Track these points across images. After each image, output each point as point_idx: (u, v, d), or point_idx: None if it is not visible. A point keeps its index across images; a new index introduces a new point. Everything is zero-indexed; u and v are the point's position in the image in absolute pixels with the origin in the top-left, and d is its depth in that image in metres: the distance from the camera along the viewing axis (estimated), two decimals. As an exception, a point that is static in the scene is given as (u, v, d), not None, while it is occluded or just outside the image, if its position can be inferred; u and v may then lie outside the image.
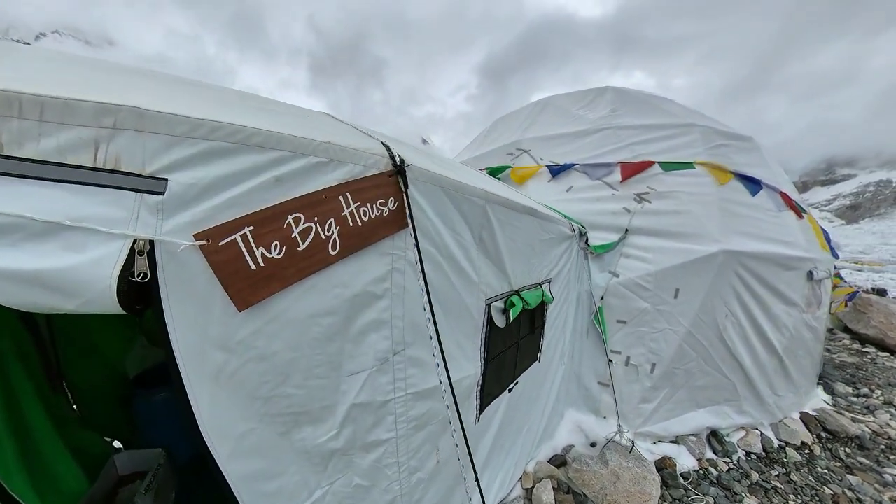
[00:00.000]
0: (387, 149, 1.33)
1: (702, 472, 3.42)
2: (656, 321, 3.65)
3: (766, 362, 3.95)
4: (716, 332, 3.70)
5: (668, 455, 3.49)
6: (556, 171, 4.37)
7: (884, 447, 3.92)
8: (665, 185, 3.97)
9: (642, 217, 3.82)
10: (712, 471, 3.43)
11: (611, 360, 3.66)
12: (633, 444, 3.33)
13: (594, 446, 3.44)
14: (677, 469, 3.37)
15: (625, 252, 3.77)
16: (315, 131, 1.23)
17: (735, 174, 4.10)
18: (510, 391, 2.64)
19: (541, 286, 2.77)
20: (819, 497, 3.20)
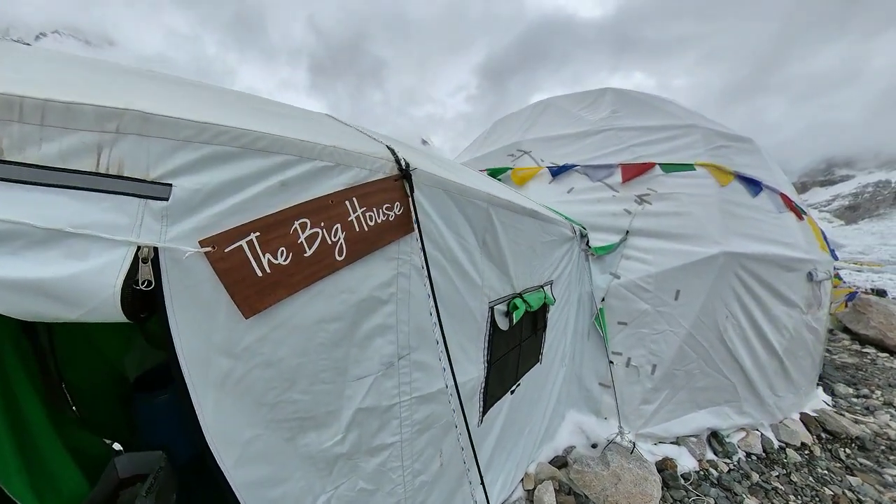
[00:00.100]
0: (392, 152, 1.33)
1: (702, 472, 3.43)
2: (657, 322, 3.65)
3: (767, 363, 3.96)
4: (716, 334, 3.71)
5: (669, 456, 3.50)
6: (557, 172, 4.37)
7: (884, 448, 3.93)
8: (665, 186, 3.98)
9: (643, 218, 3.83)
10: (713, 472, 3.44)
11: (612, 362, 3.67)
12: (634, 445, 3.34)
13: (595, 447, 3.45)
14: (678, 470, 3.38)
15: (625, 253, 3.77)
16: (319, 135, 1.22)
17: (736, 175, 4.11)
18: (512, 393, 2.64)
19: (543, 288, 2.78)
20: (819, 498, 3.21)
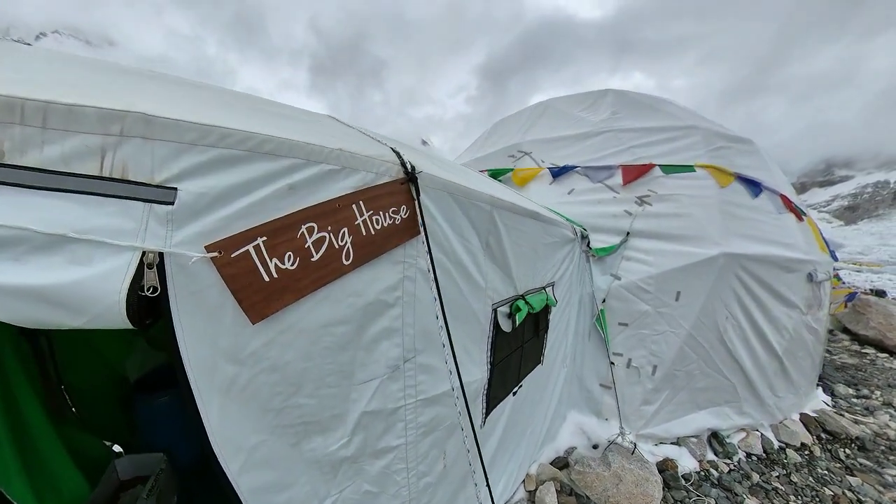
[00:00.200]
0: (398, 155, 1.33)
1: (703, 473, 3.44)
2: (657, 323, 3.66)
3: (767, 364, 3.97)
4: (716, 335, 3.72)
5: (670, 457, 3.51)
6: (557, 173, 4.38)
7: (884, 448, 3.95)
8: (666, 187, 3.99)
9: (643, 220, 3.84)
10: (713, 472, 3.45)
11: (612, 363, 3.67)
12: (634, 445, 3.34)
13: (596, 448, 3.45)
14: (679, 470, 3.39)
15: (626, 255, 3.78)
16: (325, 137, 1.21)
17: (736, 176, 4.12)
18: (514, 394, 2.64)
19: (545, 290, 2.78)
20: (819, 498, 3.22)
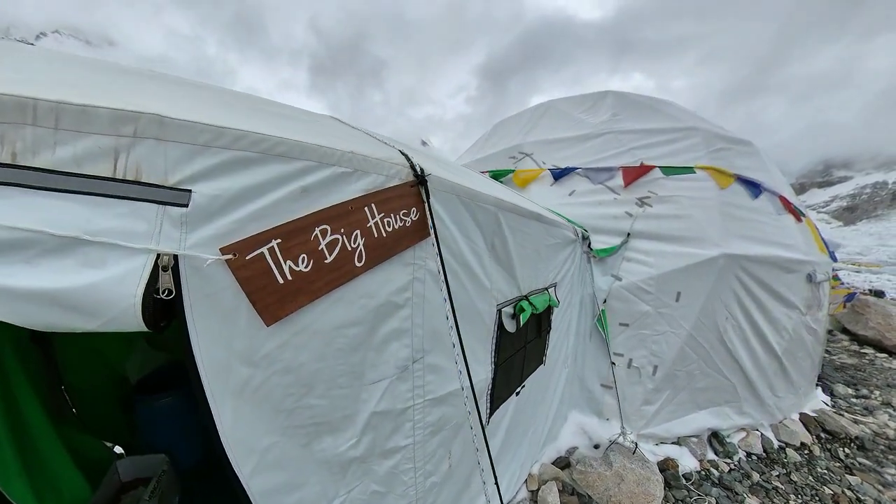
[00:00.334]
0: (406, 158, 1.35)
1: (703, 472, 3.46)
2: (658, 324, 3.68)
3: (766, 364, 3.99)
4: (716, 335, 3.74)
5: (671, 456, 3.53)
6: (559, 174, 4.40)
7: (883, 447, 3.98)
8: (666, 189, 4.00)
9: (644, 221, 3.86)
10: (714, 471, 3.47)
11: (613, 363, 3.69)
12: (636, 445, 3.36)
13: (597, 448, 3.47)
14: (680, 470, 3.41)
15: (627, 256, 3.80)
16: (334, 139, 1.22)
17: (736, 178, 4.15)
18: (517, 395, 2.66)
19: (547, 290, 2.80)
20: (819, 497, 3.24)
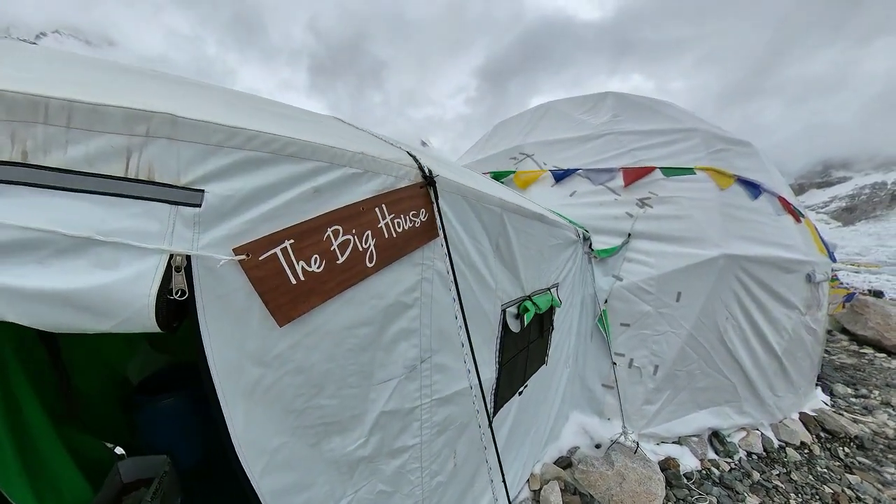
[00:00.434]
0: (414, 159, 1.36)
1: (704, 472, 3.48)
2: (658, 324, 3.70)
3: (766, 364, 4.02)
4: (717, 335, 3.76)
5: (672, 456, 3.55)
6: (560, 176, 4.42)
7: (882, 447, 4.01)
8: (666, 190, 4.02)
9: (644, 222, 3.88)
10: (714, 471, 3.49)
11: (614, 363, 3.70)
12: (637, 444, 3.38)
13: (599, 448, 3.49)
14: (681, 469, 3.43)
15: (628, 256, 3.82)
16: (343, 140, 1.22)
17: (736, 179, 4.17)
18: (520, 394, 2.67)
19: (549, 290, 2.82)
20: (819, 496, 3.26)
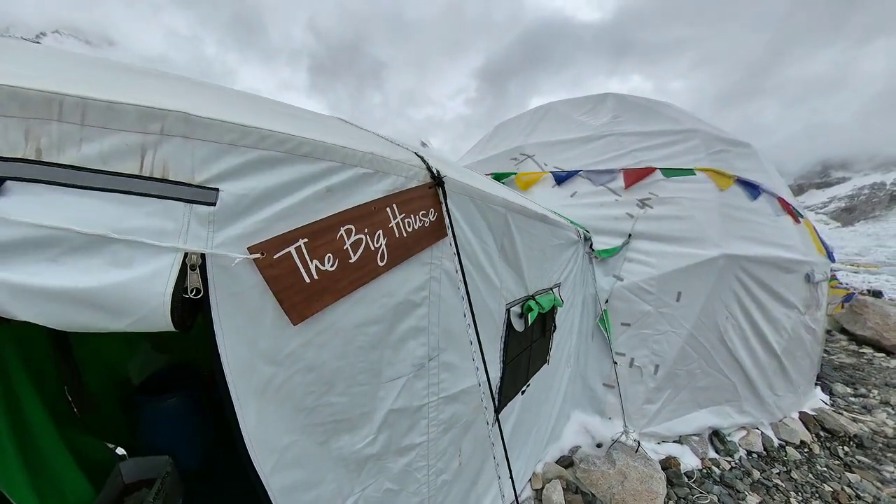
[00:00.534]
0: (422, 160, 1.38)
1: (705, 470, 3.50)
2: (659, 323, 3.73)
3: (766, 363, 4.04)
4: (717, 334, 3.79)
5: (672, 455, 3.57)
6: (562, 177, 4.45)
7: (881, 445, 4.04)
8: (667, 190, 4.05)
9: (645, 222, 3.91)
10: (715, 469, 3.51)
11: (615, 362, 3.73)
12: (638, 443, 3.41)
13: (600, 447, 3.51)
14: (681, 468, 3.45)
15: (628, 256, 3.85)
16: (352, 140, 1.23)
17: (735, 179, 4.20)
18: (523, 393, 2.70)
19: (552, 290, 2.85)
20: (819, 494, 3.29)
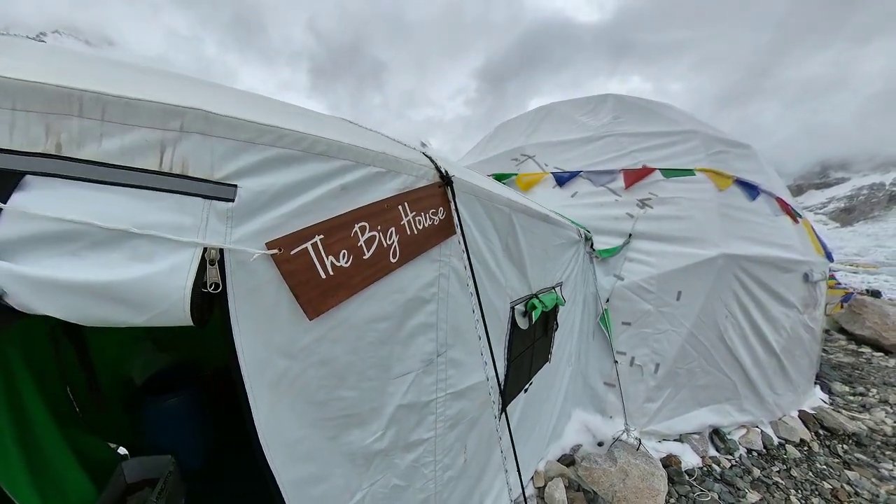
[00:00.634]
0: (430, 160, 1.41)
1: (706, 468, 3.52)
2: (659, 322, 3.75)
3: (766, 362, 4.08)
4: (716, 333, 3.82)
5: (673, 453, 3.59)
6: (563, 178, 4.48)
7: (880, 443, 4.07)
8: (666, 191, 4.08)
9: (645, 222, 3.93)
10: (715, 467, 3.54)
11: (616, 361, 3.75)
12: (639, 441, 3.43)
13: (601, 445, 3.53)
14: (682, 466, 3.47)
15: (629, 256, 3.87)
16: (364, 140, 1.24)
17: (734, 180, 4.23)
18: (526, 391, 2.71)
19: (554, 289, 2.87)
20: (819, 491, 3.32)
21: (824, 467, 3.66)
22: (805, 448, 3.94)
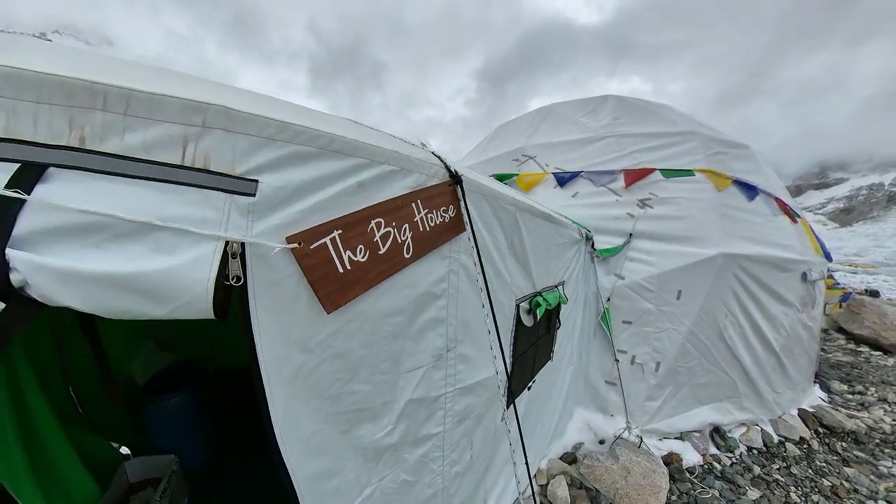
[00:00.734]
0: (440, 159, 1.43)
1: (706, 466, 3.55)
2: (660, 321, 3.78)
3: (765, 360, 4.11)
4: (716, 332, 3.84)
5: (674, 450, 3.61)
6: (564, 179, 4.50)
7: (878, 441, 4.10)
8: (666, 191, 4.12)
9: (645, 222, 3.96)
10: (716, 465, 3.56)
11: (617, 360, 3.77)
12: (641, 439, 3.45)
13: (603, 443, 3.55)
14: (683, 464, 3.50)
15: (629, 255, 3.90)
16: (377, 139, 1.27)
17: (733, 180, 4.27)
18: (529, 389, 2.73)
19: (557, 288, 2.89)
20: (818, 489, 3.34)
21: (823, 465, 3.68)
22: (804, 446, 3.97)
